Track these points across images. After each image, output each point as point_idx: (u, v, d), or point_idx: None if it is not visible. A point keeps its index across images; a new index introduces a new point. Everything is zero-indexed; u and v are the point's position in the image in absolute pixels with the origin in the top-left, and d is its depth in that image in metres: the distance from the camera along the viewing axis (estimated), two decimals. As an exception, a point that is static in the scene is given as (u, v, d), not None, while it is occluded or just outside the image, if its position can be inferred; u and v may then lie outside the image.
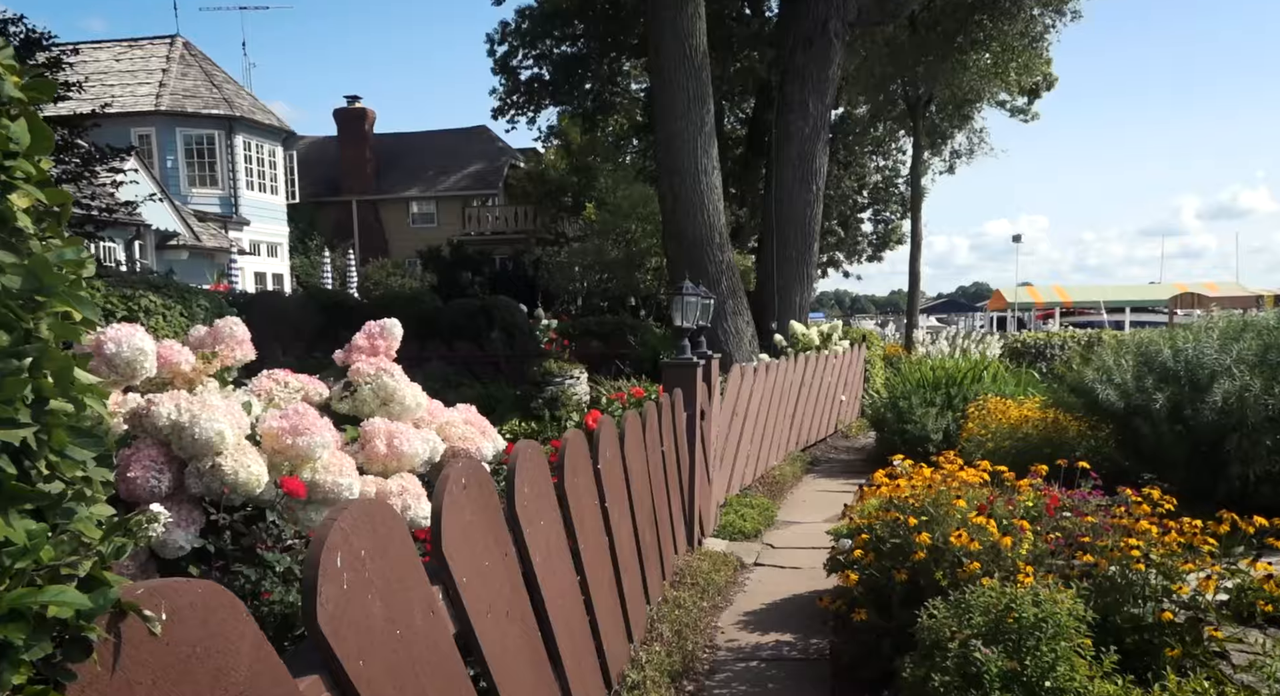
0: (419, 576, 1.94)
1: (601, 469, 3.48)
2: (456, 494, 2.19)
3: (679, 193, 11.79)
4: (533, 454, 2.82)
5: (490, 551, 2.37)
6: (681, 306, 5.81)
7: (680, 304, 5.81)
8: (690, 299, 5.84)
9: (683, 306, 5.80)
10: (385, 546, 1.78)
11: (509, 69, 26.64)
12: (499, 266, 29.67)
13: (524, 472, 2.70)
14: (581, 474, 3.27)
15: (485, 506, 2.39)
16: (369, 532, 1.72)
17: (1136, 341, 6.67)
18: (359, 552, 1.67)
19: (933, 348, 18.07)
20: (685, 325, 5.85)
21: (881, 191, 36.36)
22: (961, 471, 4.10)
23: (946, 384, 9.14)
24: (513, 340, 14.62)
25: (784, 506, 7.76)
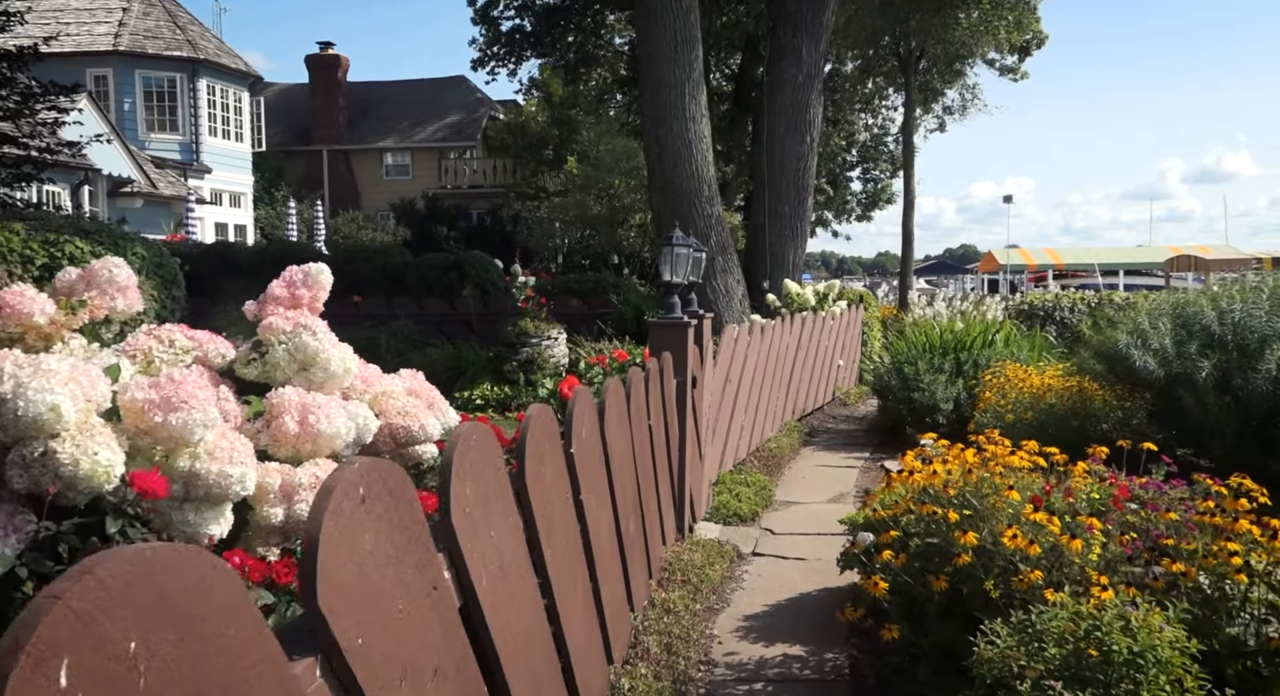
0: (265, 653, 1.22)
1: (576, 452, 2.76)
2: (349, 512, 1.47)
3: (665, 142, 10.96)
4: (478, 440, 2.09)
5: (406, 589, 1.65)
6: (671, 259, 5.06)
7: (669, 256, 5.06)
8: (680, 250, 5.09)
9: (672, 259, 5.05)
10: (190, 627, 1.05)
11: (489, 19, 25.58)
12: (476, 221, 28.70)
13: (466, 467, 1.98)
14: (549, 461, 2.55)
15: (400, 523, 1.66)
16: (141, 609, 0.97)
17: (1172, 302, 5.99)
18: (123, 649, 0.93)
19: (929, 310, 17.41)
20: (675, 280, 5.10)
21: (871, 150, 35.57)
22: (1010, 454, 3.41)
23: (955, 348, 8.46)
24: (486, 298, 13.82)
25: (782, 483, 7.10)
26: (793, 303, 10.64)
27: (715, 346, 6.61)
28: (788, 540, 5.54)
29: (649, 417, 4.04)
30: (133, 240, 8.41)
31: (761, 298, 11.74)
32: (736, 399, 6.99)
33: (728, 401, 6.73)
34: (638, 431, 3.74)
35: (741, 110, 26.79)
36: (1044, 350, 8.71)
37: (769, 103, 12.31)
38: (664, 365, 4.52)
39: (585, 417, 2.85)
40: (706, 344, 5.91)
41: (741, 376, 7.10)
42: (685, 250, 5.10)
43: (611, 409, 3.20)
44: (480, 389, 10.82)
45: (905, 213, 23.03)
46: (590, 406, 2.94)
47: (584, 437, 2.80)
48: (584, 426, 2.82)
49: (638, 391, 3.74)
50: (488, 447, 2.14)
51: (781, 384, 8.65)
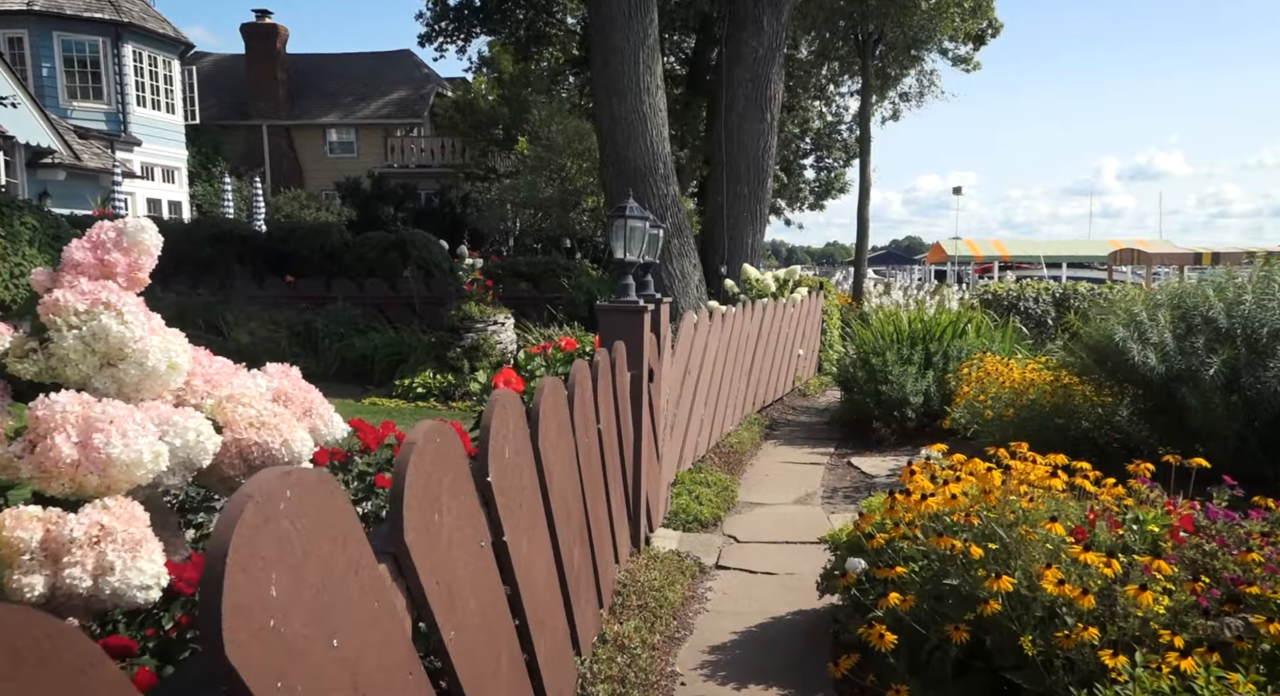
0: None
1: (496, 481, 2.09)
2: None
3: (618, 115, 10.28)
4: (311, 497, 1.34)
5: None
6: (624, 233, 4.41)
7: (623, 230, 4.41)
8: (635, 223, 4.45)
9: (626, 233, 4.41)
10: None
11: (438, -9, 24.69)
12: (424, 202, 27.68)
13: (293, 555, 1.25)
14: (451, 501, 1.83)
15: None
16: None
17: (1170, 292, 5.53)
18: None
19: (886, 299, 17.03)
20: (629, 258, 4.46)
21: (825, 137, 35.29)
22: (1033, 467, 2.84)
23: (925, 339, 7.96)
24: (430, 280, 13.04)
25: (745, 483, 6.52)
26: (752, 289, 10.08)
27: (673, 334, 6.00)
28: (754, 550, 4.95)
29: (598, 420, 3.40)
30: (20, 208, 7.50)
31: (719, 283, 11.16)
32: (696, 391, 6.39)
33: (687, 394, 6.13)
34: (584, 438, 3.10)
35: (696, 94, 26.18)
36: (1014, 341, 8.27)
37: (727, 77, 11.69)
38: (616, 357, 3.88)
39: (510, 432, 2.19)
40: (664, 332, 5.29)
41: (701, 367, 6.50)
42: (641, 223, 4.46)
43: (549, 416, 2.55)
44: (422, 376, 10.08)
45: (860, 200, 22.61)
46: (516, 417, 2.27)
47: (508, 459, 2.14)
48: (508, 444, 2.16)
49: (583, 391, 3.10)
50: (334, 511, 1.38)
51: (742, 374, 8.07)
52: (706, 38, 25.14)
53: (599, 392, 3.42)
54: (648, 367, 4.53)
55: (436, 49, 25.65)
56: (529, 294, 12.59)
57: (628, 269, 4.50)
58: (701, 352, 6.50)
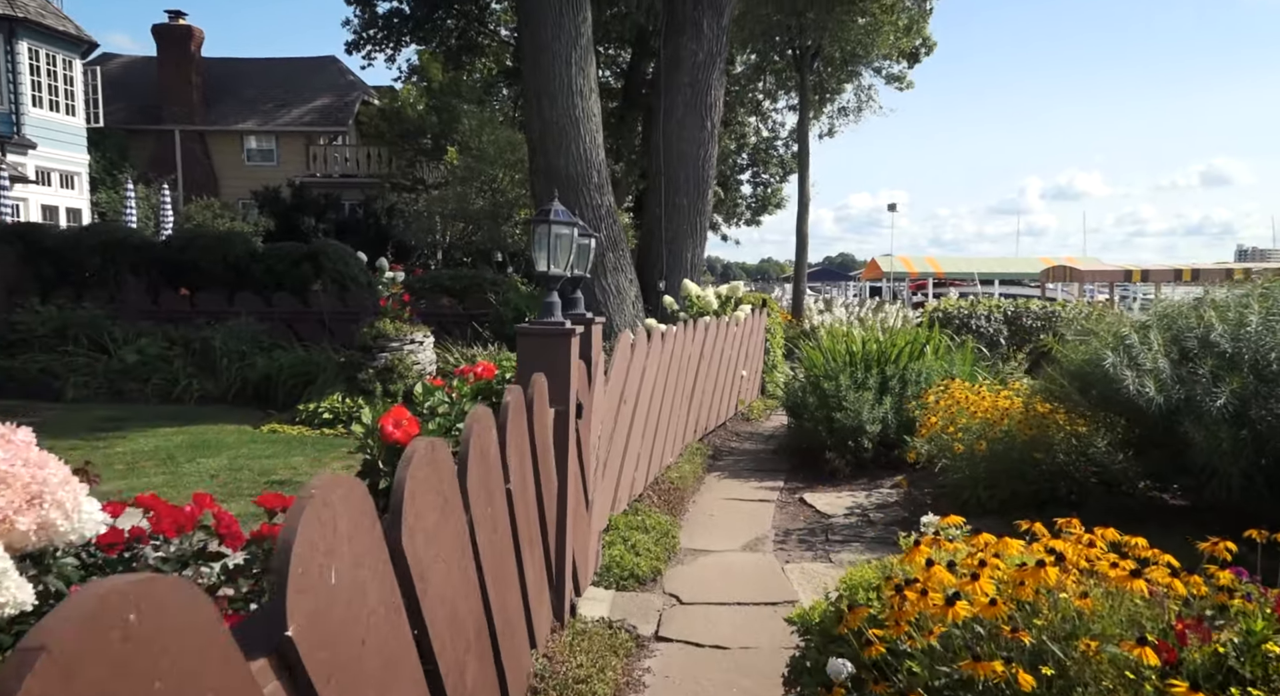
0: None
1: (299, 635, 1.32)
2: None
3: (549, 118, 9.54)
4: None
5: None
6: (549, 241, 3.65)
7: (546, 237, 3.65)
8: (561, 230, 3.69)
9: (550, 241, 3.65)
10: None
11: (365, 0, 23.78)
12: (348, 212, 26.47)
13: None
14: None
15: None
16: None
17: (1159, 312, 4.99)
18: None
19: (828, 317, 16.59)
20: (554, 271, 3.70)
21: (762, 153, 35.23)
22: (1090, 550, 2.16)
23: (879, 361, 7.36)
24: (346, 294, 12.06)
25: (687, 524, 5.79)
26: (693, 306, 9.40)
27: (606, 358, 5.25)
28: (701, 614, 4.21)
29: (507, 478, 2.63)
30: None
31: (657, 300, 10.47)
32: (633, 422, 5.64)
33: (622, 426, 5.38)
34: (485, 510, 2.33)
35: (631, 107, 25.67)
36: (972, 362, 7.74)
37: (665, 82, 11.05)
38: (534, 393, 3.12)
39: (341, 540, 1.39)
40: (596, 357, 4.54)
41: (639, 394, 5.77)
42: (568, 230, 3.71)
43: (424, 495, 1.77)
44: (330, 400, 9.14)
45: (799, 215, 22.24)
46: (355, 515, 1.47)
47: (337, 587, 1.35)
48: (337, 560, 1.36)
49: (483, 448, 2.32)
50: None
51: (683, 400, 7.37)
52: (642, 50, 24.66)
53: (509, 442, 2.65)
54: (575, 402, 3.77)
55: (365, 57, 24.75)
56: (452, 311, 11.71)
57: (552, 284, 3.74)
58: (639, 378, 5.77)
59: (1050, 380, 5.23)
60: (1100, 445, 5.76)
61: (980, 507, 5.52)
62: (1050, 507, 5.42)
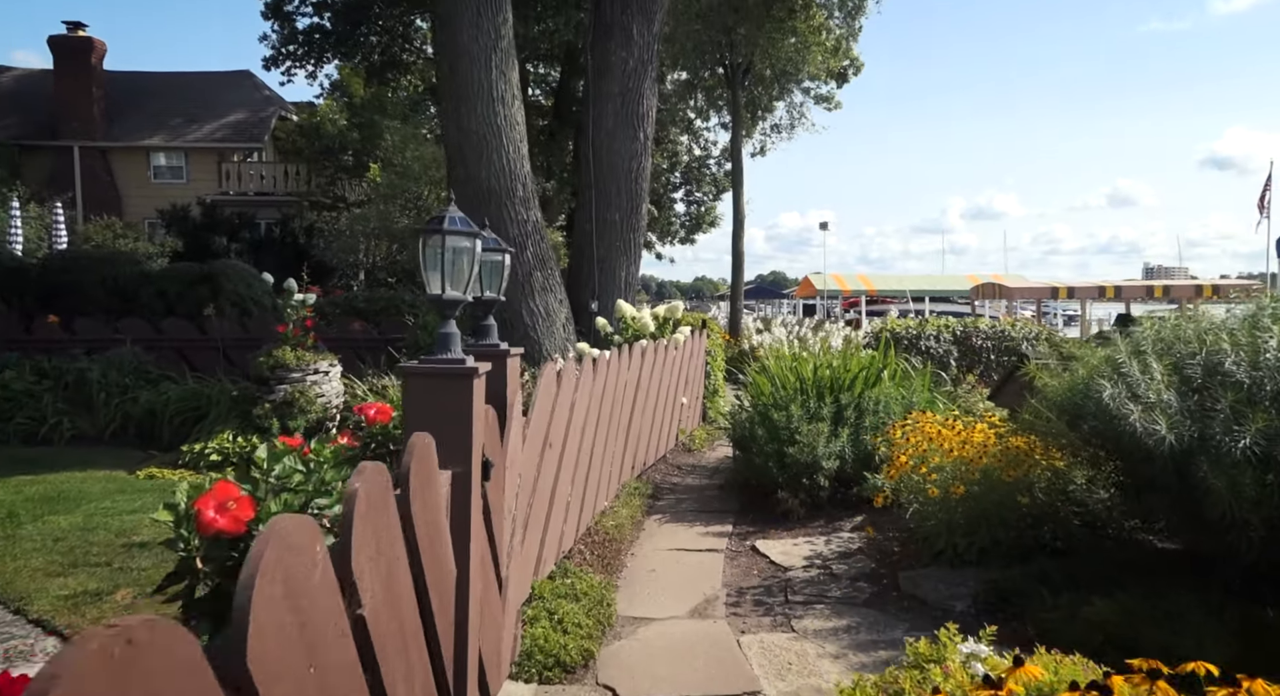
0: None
1: None
2: None
3: (467, 127, 8.74)
4: None
5: None
6: (441, 257, 2.85)
7: (438, 251, 2.85)
8: (460, 242, 2.89)
9: (444, 257, 2.84)
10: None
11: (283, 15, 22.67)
12: (264, 232, 25.10)
13: None
14: None
15: None
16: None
17: (1155, 336, 4.40)
18: None
19: (767, 336, 16.03)
20: (451, 293, 2.90)
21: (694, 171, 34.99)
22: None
23: (833, 387, 6.70)
24: (247, 319, 11.00)
25: (625, 585, 5.00)
26: (628, 328, 8.65)
27: (525, 393, 4.48)
28: (643, 716, 3.43)
29: (359, 600, 1.81)
30: None
31: (589, 322, 9.71)
32: (561, 467, 4.85)
33: (547, 474, 4.58)
34: (320, 658, 1.51)
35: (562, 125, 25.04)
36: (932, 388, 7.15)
37: (594, 91, 10.34)
38: (414, 461, 2.30)
39: None
40: (513, 397, 3.74)
41: (568, 433, 4.98)
42: (468, 242, 2.91)
43: None
44: (219, 440, 8.11)
45: (735, 232, 21.81)
46: None
47: None
48: None
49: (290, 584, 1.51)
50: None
51: (619, 434, 6.59)
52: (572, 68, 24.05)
53: (358, 546, 1.84)
54: (481, 459, 2.97)
55: (284, 73, 23.59)
56: (365, 336, 10.75)
57: (449, 310, 2.94)
58: (568, 414, 4.98)
59: (1035, 412, 4.60)
60: (1079, 481, 5.19)
61: (958, 558, 4.87)
62: (1036, 557, 4.80)
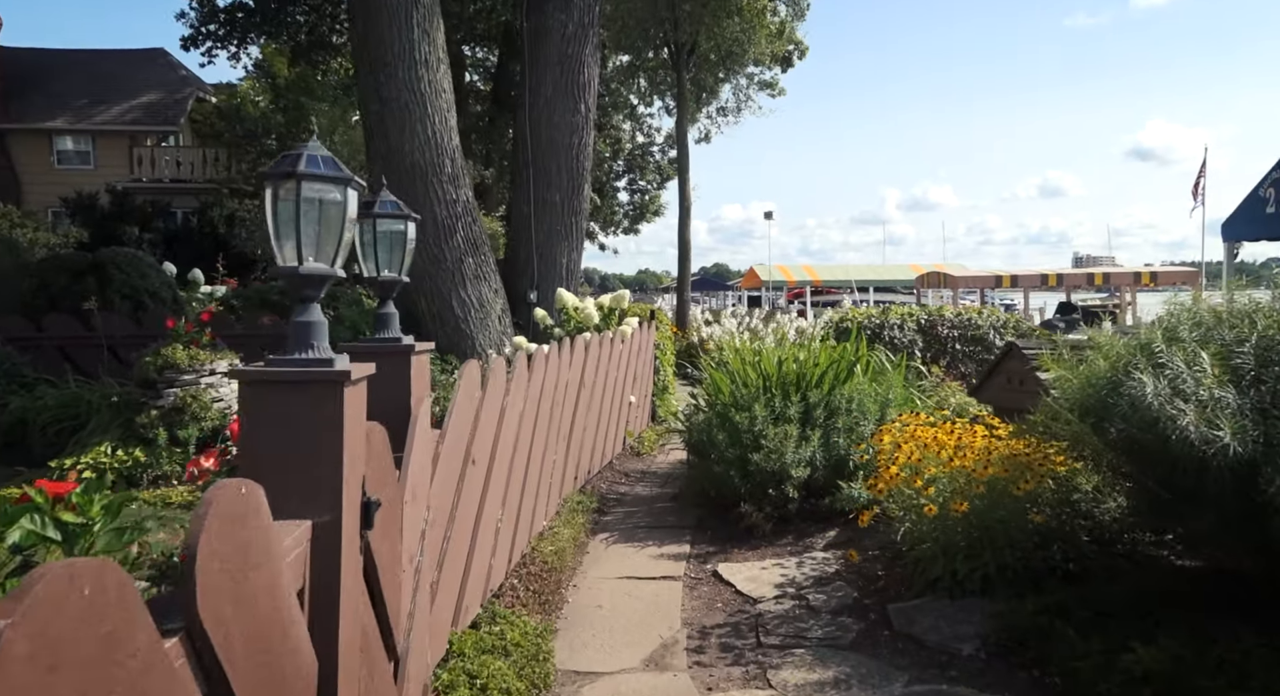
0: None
1: None
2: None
3: (387, 95, 7.78)
4: None
5: None
6: (296, 213, 1.98)
7: (292, 206, 1.98)
8: (327, 193, 2.02)
9: (299, 212, 1.98)
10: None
11: (204, -10, 21.20)
12: (180, 221, 23.56)
13: None
14: None
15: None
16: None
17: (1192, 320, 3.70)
18: None
19: (716, 328, 15.33)
20: (311, 266, 2.03)
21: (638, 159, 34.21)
22: None
23: (800, 384, 5.95)
24: (142, 313, 9.85)
25: (567, 626, 4.17)
26: (570, 320, 7.81)
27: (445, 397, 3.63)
28: None
29: None
30: None
31: (528, 314, 8.83)
32: (488, 488, 3.99)
33: (470, 498, 3.72)
34: None
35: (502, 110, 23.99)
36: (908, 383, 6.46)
37: (531, 57, 9.43)
38: (211, 530, 1.42)
39: None
40: (418, 407, 2.89)
41: (497, 446, 4.12)
42: (336, 193, 2.04)
43: None
44: (95, 452, 7.04)
45: (681, 220, 21.03)
46: None
47: None
48: None
49: None
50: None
51: (560, 440, 5.75)
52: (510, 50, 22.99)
53: None
54: (358, 500, 2.10)
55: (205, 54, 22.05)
56: (275, 332, 9.66)
57: (310, 289, 2.08)
58: (496, 423, 4.12)
59: (1051, 413, 3.88)
60: (1085, 489, 4.53)
61: (958, 587, 4.15)
62: (1047, 584, 4.09)
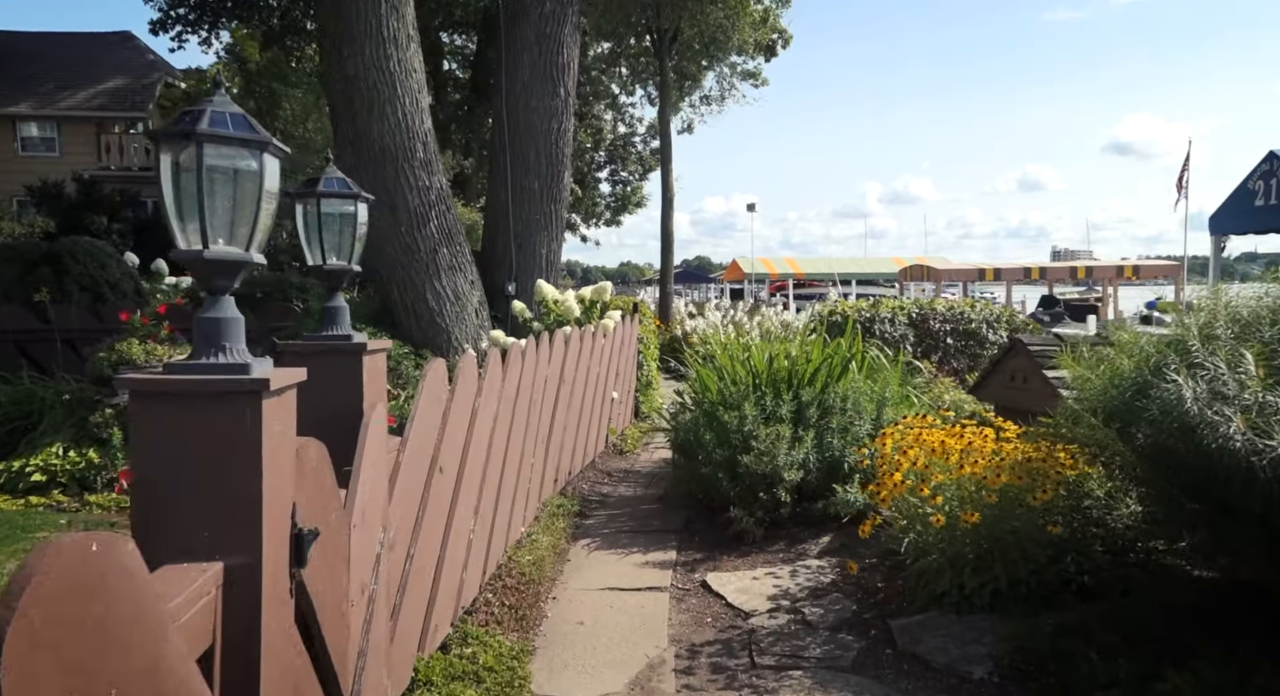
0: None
1: None
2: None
3: (354, 73, 7.37)
4: None
5: None
6: (197, 184, 1.61)
7: (193, 175, 1.61)
8: (237, 159, 1.66)
9: (201, 181, 1.61)
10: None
11: (172, -29, 20.57)
12: (151, 211, 22.94)
13: None
14: None
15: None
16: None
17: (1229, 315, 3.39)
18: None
19: (700, 321, 15.00)
20: (219, 251, 1.67)
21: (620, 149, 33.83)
22: None
23: (792, 381, 5.62)
24: (102, 306, 9.40)
25: (546, 644, 3.82)
26: (550, 313, 7.44)
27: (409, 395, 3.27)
28: None
29: None
30: None
31: (506, 307, 8.46)
32: (458, 497, 3.63)
33: (437, 509, 3.37)
34: None
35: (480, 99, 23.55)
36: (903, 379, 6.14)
37: (508, 38, 9.03)
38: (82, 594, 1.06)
39: None
40: (372, 414, 2.53)
41: (468, 450, 3.76)
42: (249, 161, 1.67)
43: None
44: (45, 454, 6.62)
45: (664, 211, 20.64)
46: None
47: None
48: None
49: None
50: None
51: (539, 441, 5.39)
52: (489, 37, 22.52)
53: None
54: (286, 533, 1.75)
55: (174, 39, 21.44)
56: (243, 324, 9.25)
57: (221, 278, 1.71)
58: (466, 428, 3.76)
59: (1073, 416, 3.57)
60: (1097, 494, 4.22)
61: (965, 600, 3.84)
62: (1061, 598, 3.79)
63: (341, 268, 2.76)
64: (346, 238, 2.75)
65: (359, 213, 2.76)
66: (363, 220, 2.79)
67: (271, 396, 1.66)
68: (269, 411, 1.66)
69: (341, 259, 2.76)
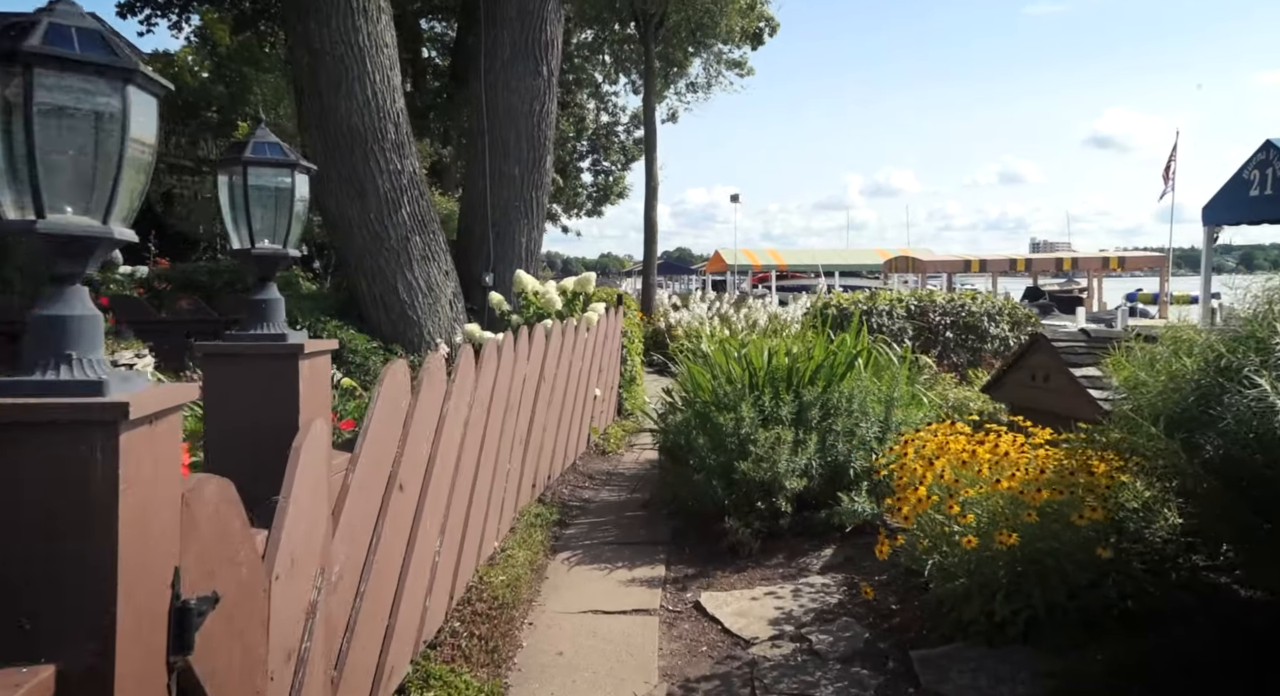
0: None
1: None
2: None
3: (320, 47, 6.84)
4: None
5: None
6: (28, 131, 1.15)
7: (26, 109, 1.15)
8: (92, 96, 1.20)
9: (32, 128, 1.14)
10: None
11: (137, -46, 19.86)
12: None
13: None
14: None
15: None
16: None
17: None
18: None
19: (685, 314, 14.56)
20: (58, 221, 1.21)
21: (602, 139, 33.29)
22: None
23: (792, 380, 5.19)
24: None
25: (519, 682, 3.37)
26: (530, 306, 6.97)
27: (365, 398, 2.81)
28: None
29: None
30: None
31: (483, 299, 7.97)
32: (420, 516, 3.17)
33: (395, 532, 2.91)
34: None
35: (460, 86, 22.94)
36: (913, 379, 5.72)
37: (487, 15, 8.51)
38: None
39: None
40: (306, 437, 2.06)
41: (433, 465, 3.30)
42: (110, 98, 1.19)
43: None
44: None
45: (648, 201, 20.16)
46: None
47: None
48: None
49: None
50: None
51: (515, 446, 4.93)
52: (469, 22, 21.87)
53: None
54: (172, 609, 1.27)
55: (143, 22, 20.76)
56: (197, 316, 8.69)
57: (61, 264, 1.23)
58: (431, 437, 3.30)
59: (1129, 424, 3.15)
60: (1133, 506, 3.82)
61: (996, 630, 3.42)
62: (1101, 627, 3.39)
63: (275, 252, 2.28)
64: (282, 216, 2.28)
65: (297, 186, 2.29)
66: (302, 195, 2.32)
67: (136, 427, 1.19)
68: (133, 446, 1.19)
69: (275, 242, 2.29)
